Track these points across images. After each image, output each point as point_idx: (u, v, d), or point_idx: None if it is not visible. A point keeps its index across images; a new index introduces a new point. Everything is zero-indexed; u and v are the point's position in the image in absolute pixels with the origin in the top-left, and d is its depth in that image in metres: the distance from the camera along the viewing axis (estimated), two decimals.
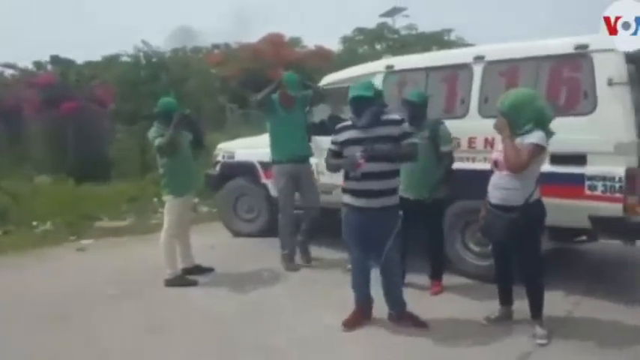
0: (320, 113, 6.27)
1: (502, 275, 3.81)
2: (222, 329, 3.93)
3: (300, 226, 5.45)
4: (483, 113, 4.52)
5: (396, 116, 3.72)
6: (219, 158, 6.73)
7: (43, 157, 12.18)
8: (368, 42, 19.05)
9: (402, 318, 3.84)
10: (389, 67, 5.34)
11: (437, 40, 17.92)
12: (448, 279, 4.64)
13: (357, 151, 3.49)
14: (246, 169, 6.41)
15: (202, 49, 17.38)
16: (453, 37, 19.43)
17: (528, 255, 3.55)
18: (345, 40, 19.69)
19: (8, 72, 16.28)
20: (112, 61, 16.31)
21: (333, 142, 3.80)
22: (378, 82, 5.25)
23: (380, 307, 3.90)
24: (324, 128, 5.61)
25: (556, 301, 4.11)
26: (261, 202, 6.41)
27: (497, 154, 3.55)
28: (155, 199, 8.54)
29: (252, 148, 6.42)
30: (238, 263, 5.50)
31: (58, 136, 11.93)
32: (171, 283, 4.92)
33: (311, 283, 4.86)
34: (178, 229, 5.06)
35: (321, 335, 3.74)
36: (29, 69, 17.31)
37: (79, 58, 18.23)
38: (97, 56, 16.30)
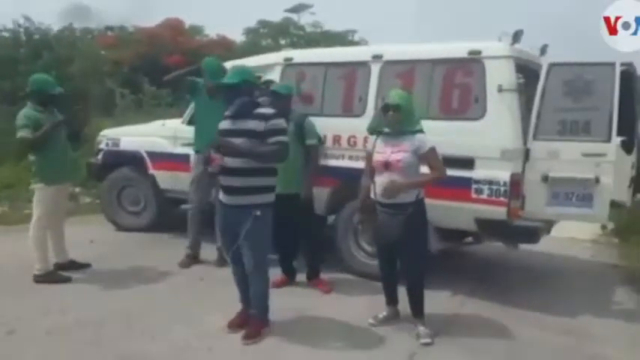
0: None
1: (388, 275, 3.81)
2: (92, 332, 3.56)
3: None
4: None
5: (267, 110, 3.43)
6: (102, 146, 6.20)
7: None
8: (272, 36, 18.80)
9: (247, 327, 3.56)
10: (287, 59, 5.19)
11: (341, 40, 18.08)
12: (338, 277, 4.63)
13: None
14: (132, 159, 5.96)
15: (94, 30, 16.13)
16: (357, 38, 19.85)
17: (416, 253, 3.56)
18: (249, 31, 19.30)
19: None
20: None
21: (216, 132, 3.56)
22: (276, 74, 5.14)
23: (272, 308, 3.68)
24: None
25: (443, 301, 4.23)
26: (148, 195, 5.99)
27: (387, 155, 3.49)
28: (32, 187, 7.76)
29: (140, 136, 6.01)
30: (119, 259, 5.09)
31: None
32: (42, 279, 4.46)
33: (197, 282, 4.60)
34: (50, 220, 4.59)
35: (202, 339, 3.50)
36: None
37: None
38: None
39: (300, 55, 5.36)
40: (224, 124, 3.47)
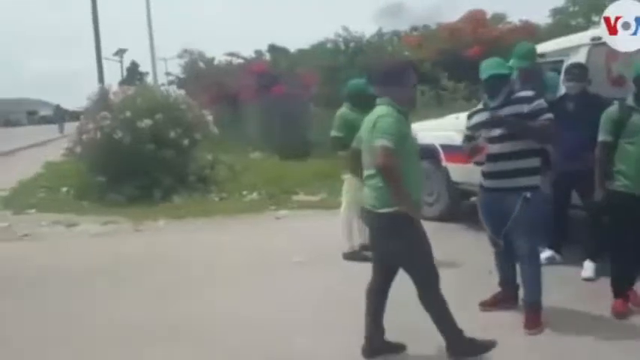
0: None
1: None
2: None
3: None
4: None
5: (527, 93, 3.56)
6: None
7: (258, 135, 13.75)
8: (584, 13, 16.79)
9: (527, 316, 3.51)
10: (595, 38, 4.65)
11: None
12: None
13: (487, 134, 3.52)
14: (427, 152, 6.21)
15: (400, 32, 17.43)
16: None
17: None
18: (556, 12, 17.70)
19: (235, 60, 18.72)
20: (318, 48, 17.40)
21: (467, 128, 3.76)
22: (581, 56, 4.68)
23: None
24: None
25: None
26: (441, 186, 6.23)
27: None
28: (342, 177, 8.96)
29: (435, 130, 6.28)
30: None
31: (269, 118, 13.30)
32: (349, 257, 5.18)
33: (485, 275, 4.33)
34: (356, 207, 5.23)
35: (488, 331, 3.43)
36: (250, 57, 19.57)
37: (293, 47, 19.84)
38: (307, 44, 17.52)
39: None
40: (481, 116, 3.60)
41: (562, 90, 4.59)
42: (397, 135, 2.80)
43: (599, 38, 4.62)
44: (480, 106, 3.74)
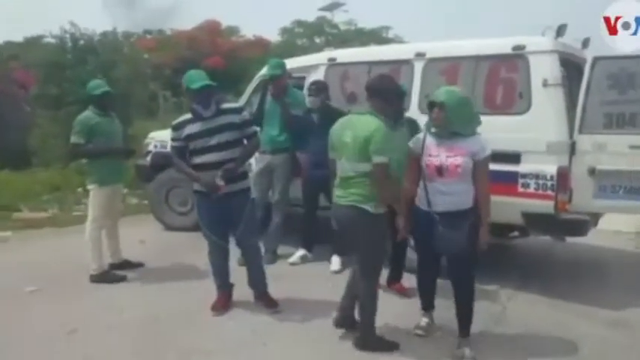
0: None
1: (431, 282, 3.59)
2: (150, 329, 3.72)
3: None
4: (424, 109, 4.53)
5: (234, 104, 3.99)
6: (151, 148, 6.41)
7: None
8: (307, 35, 18.91)
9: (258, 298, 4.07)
10: (331, 59, 5.29)
11: (375, 37, 18.06)
12: None
13: (204, 144, 3.65)
14: None
15: (133, 34, 16.56)
16: (391, 34, 19.76)
17: (471, 259, 3.29)
18: (284, 31, 19.50)
19: None
20: (34, 42, 15.23)
21: (174, 139, 3.75)
22: (320, 74, 5.22)
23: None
24: None
25: (490, 296, 4.24)
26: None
27: (442, 159, 3.17)
28: (79, 190, 8.08)
29: None
30: (170, 258, 5.27)
31: None
32: (98, 279, 4.65)
33: (245, 279, 4.61)
34: (105, 221, 4.78)
35: (256, 335, 3.61)
36: None
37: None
38: (18, 36, 15.07)
39: (343, 54, 5.44)
40: (194, 127, 3.72)
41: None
42: (387, 150, 3.11)
43: (335, 59, 5.26)
44: (188, 116, 3.74)
